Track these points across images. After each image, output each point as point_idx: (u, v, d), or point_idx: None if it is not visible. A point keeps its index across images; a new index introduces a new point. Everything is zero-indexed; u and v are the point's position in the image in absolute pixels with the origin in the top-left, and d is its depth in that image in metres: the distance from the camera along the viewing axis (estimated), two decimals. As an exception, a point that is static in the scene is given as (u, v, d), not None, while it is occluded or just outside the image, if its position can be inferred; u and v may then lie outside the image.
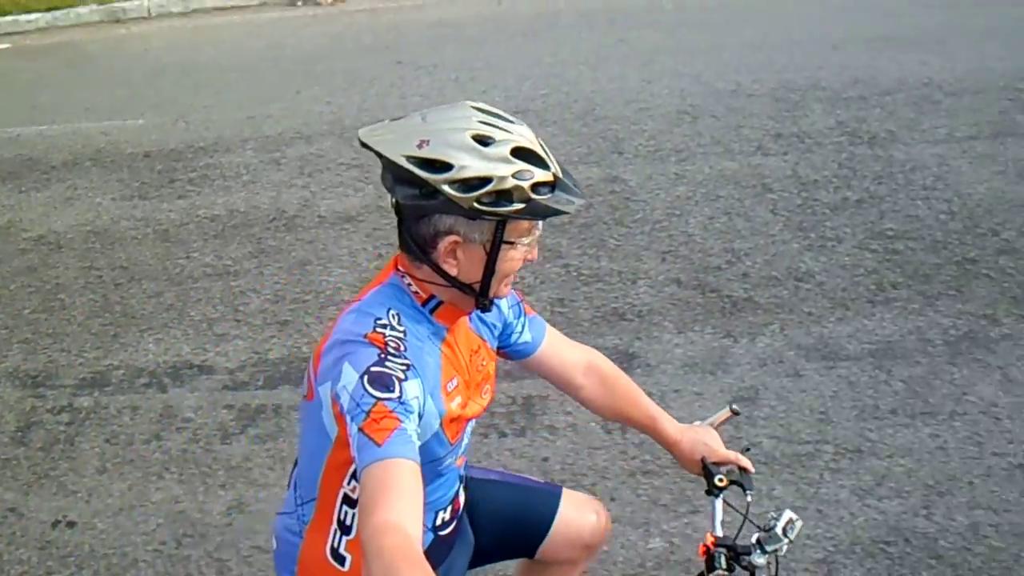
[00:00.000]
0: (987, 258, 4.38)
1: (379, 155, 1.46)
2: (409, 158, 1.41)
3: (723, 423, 1.95)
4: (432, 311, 1.58)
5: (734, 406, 1.93)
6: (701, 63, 7.00)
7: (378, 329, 1.48)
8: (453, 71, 7.43)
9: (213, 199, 5.82)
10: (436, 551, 1.74)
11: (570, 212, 1.48)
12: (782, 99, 6.21)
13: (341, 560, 1.63)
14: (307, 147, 6.35)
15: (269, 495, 3.33)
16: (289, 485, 1.78)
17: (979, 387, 3.58)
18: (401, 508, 1.28)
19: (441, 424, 1.56)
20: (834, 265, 4.39)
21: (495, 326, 1.78)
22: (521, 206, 1.42)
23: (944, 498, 3.11)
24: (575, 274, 4.56)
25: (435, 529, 1.75)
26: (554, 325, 1.95)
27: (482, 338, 1.74)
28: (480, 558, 1.98)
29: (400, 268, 1.58)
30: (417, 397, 1.43)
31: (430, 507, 1.68)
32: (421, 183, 1.41)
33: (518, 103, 6.55)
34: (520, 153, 1.44)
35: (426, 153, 1.41)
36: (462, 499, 1.84)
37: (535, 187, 1.43)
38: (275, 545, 1.78)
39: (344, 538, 1.63)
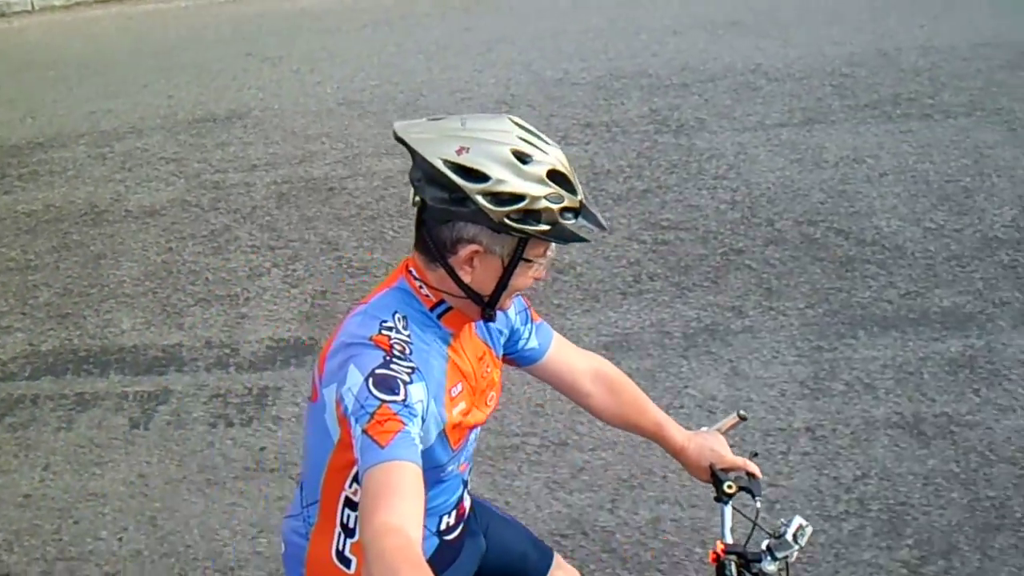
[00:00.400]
0: (754, 249, 4.34)
1: (413, 153, 1.45)
2: (447, 162, 1.41)
3: (730, 429, 1.94)
4: (440, 316, 1.58)
5: (742, 412, 1.92)
6: (537, 51, 6.92)
7: (384, 332, 1.49)
8: (296, 63, 7.29)
9: (35, 194, 5.73)
10: (441, 555, 1.77)
11: (589, 240, 1.50)
12: (604, 87, 6.15)
13: (347, 562, 1.65)
14: (136, 141, 6.25)
15: (7, 481, 3.44)
16: (298, 487, 1.78)
17: (703, 380, 3.55)
18: (402, 511, 1.29)
19: (444, 430, 1.57)
20: (597, 256, 4.34)
21: (501, 332, 1.76)
22: (547, 228, 1.44)
23: (633, 492, 3.09)
24: (345, 266, 4.50)
25: (439, 533, 1.76)
26: (311, 317, 1.90)
27: (487, 344, 1.73)
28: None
29: (412, 270, 1.58)
30: (421, 400, 1.44)
31: (433, 512, 1.70)
32: (454, 188, 1.42)
33: (347, 94, 6.46)
34: (554, 176, 1.45)
35: (464, 160, 1.41)
36: (467, 503, 1.85)
37: (563, 211, 1.45)
38: (283, 548, 1.79)
39: (348, 541, 1.64)
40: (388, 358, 1.45)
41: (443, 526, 1.76)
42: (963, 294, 3.96)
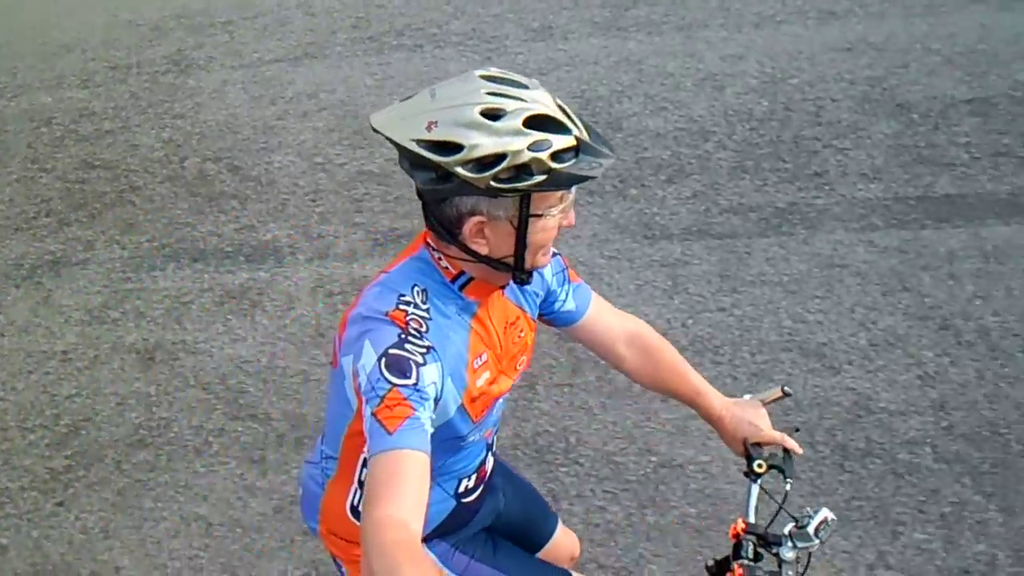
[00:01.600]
0: (153, 184, 5.06)
1: (391, 141, 1.39)
2: (419, 142, 1.35)
3: (772, 402, 1.86)
4: (462, 287, 1.53)
5: (786, 387, 1.85)
6: None
7: (401, 306, 1.45)
8: None
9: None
10: (458, 516, 1.78)
11: (597, 176, 1.38)
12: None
13: (360, 517, 1.54)
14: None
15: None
16: (320, 436, 1.80)
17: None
18: (405, 504, 1.27)
19: (463, 403, 1.54)
20: None
21: (536, 295, 1.72)
22: (542, 178, 1.35)
23: None
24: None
25: (458, 496, 1.75)
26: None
27: (521, 308, 1.68)
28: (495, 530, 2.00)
29: (429, 242, 1.53)
30: (435, 382, 1.41)
31: (453, 475, 1.71)
32: (435, 167, 1.35)
33: None
34: (535, 122, 1.35)
35: (435, 135, 1.34)
36: (489, 467, 1.83)
37: (556, 156, 1.35)
38: (300, 492, 1.84)
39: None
40: (403, 336, 1.41)
41: (461, 488, 1.75)
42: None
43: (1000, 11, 5.28)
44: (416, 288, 1.49)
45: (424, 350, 1.41)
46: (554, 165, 1.34)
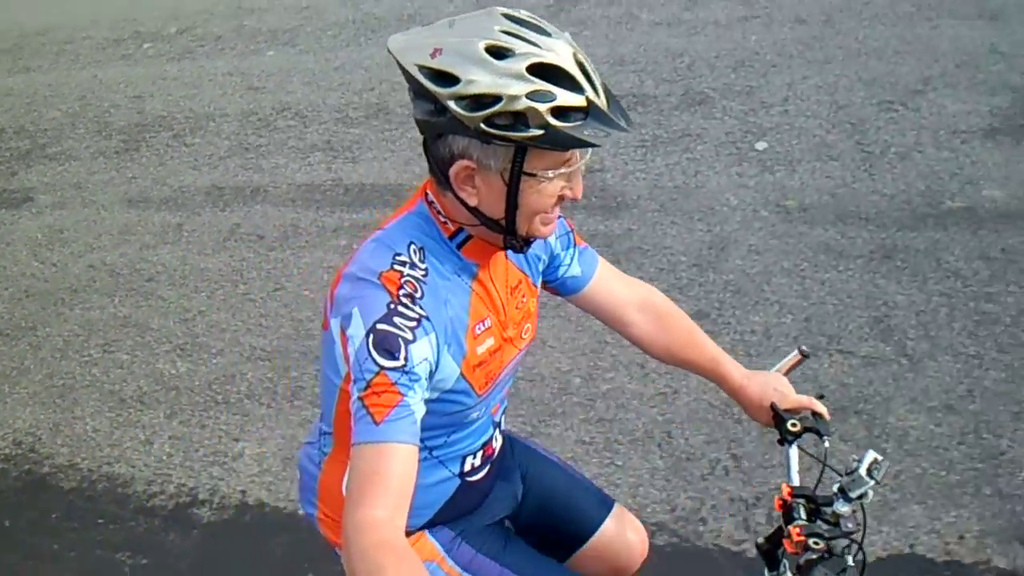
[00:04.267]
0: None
1: (399, 65, 1.29)
2: (420, 68, 1.26)
3: (792, 368, 1.77)
4: (460, 246, 1.42)
5: (803, 348, 1.73)
6: None
7: (396, 267, 1.35)
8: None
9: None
10: (465, 496, 1.67)
11: (600, 145, 1.27)
12: None
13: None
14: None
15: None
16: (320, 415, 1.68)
17: None
18: (387, 502, 1.22)
19: (462, 372, 1.43)
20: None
21: (539, 258, 1.61)
22: (537, 133, 1.22)
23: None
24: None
25: (463, 475, 1.64)
26: None
27: (523, 272, 1.57)
28: (516, 531, 1.86)
29: (428, 193, 1.43)
30: (426, 359, 1.32)
31: (457, 452, 1.60)
32: (432, 97, 1.26)
33: None
34: (542, 71, 1.22)
35: (437, 63, 1.24)
36: (496, 445, 1.71)
37: (558, 112, 1.22)
38: (298, 476, 1.72)
39: None
40: (393, 304, 1.31)
41: (467, 467, 1.64)
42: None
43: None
44: (413, 246, 1.39)
45: (414, 323, 1.31)
46: (552, 121, 1.22)
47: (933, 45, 5.00)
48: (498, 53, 1.23)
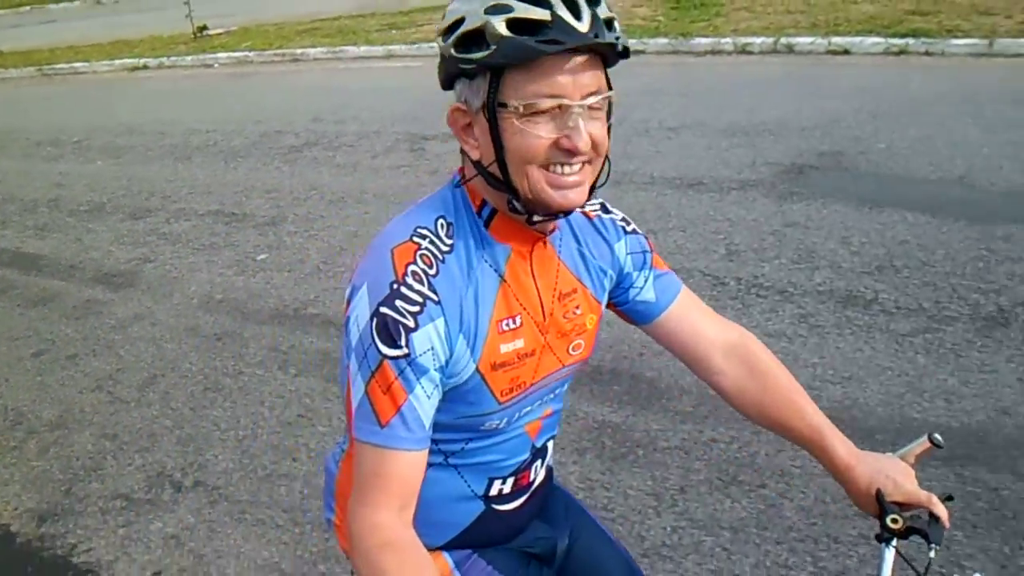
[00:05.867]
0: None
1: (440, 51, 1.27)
2: (438, 31, 1.25)
3: (920, 457, 1.46)
4: (487, 223, 1.30)
5: (935, 436, 1.43)
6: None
7: (414, 239, 1.25)
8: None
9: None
10: (489, 525, 1.48)
11: (549, 52, 1.13)
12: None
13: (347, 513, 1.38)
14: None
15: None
16: None
17: None
18: (392, 503, 1.19)
19: (479, 368, 1.29)
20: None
21: (603, 271, 1.44)
22: (492, 49, 1.15)
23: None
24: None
25: (487, 498, 1.47)
26: None
27: (581, 281, 1.41)
28: None
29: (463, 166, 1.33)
30: (431, 348, 1.22)
31: (479, 468, 1.43)
32: (440, 50, 1.24)
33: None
34: None
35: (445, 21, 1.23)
36: (534, 476, 1.52)
37: (516, 25, 1.14)
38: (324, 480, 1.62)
39: None
40: (397, 285, 1.20)
41: (493, 491, 1.46)
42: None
43: None
44: (441, 221, 1.28)
45: (417, 307, 1.20)
46: (508, 33, 1.13)
47: None
48: None
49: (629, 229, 1.48)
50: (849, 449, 1.43)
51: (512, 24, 1.13)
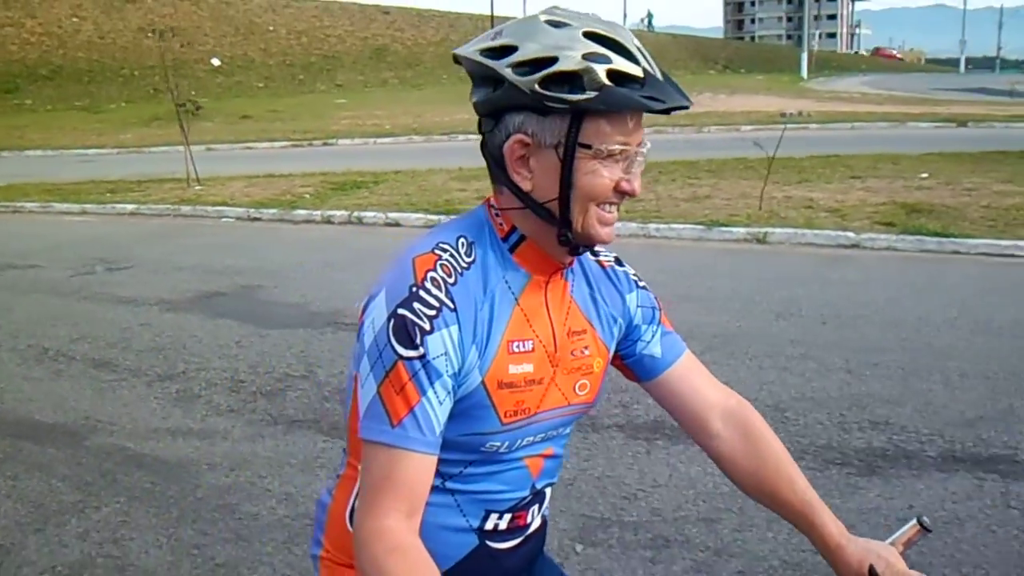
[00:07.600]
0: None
1: (463, 60, 1.31)
2: (481, 51, 1.28)
3: (909, 543, 1.46)
4: (513, 248, 1.34)
5: (924, 519, 1.45)
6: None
7: (435, 251, 1.29)
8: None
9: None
10: (480, 562, 1.44)
11: (655, 110, 1.23)
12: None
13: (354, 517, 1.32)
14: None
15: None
16: None
17: None
18: (400, 507, 1.19)
19: (484, 382, 1.30)
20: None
21: (614, 319, 1.48)
22: (593, 94, 1.20)
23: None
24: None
25: (481, 532, 1.43)
26: None
27: (590, 322, 1.44)
28: None
29: (490, 199, 1.38)
30: (445, 353, 1.24)
31: (476, 497, 1.41)
32: (489, 74, 1.26)
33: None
34: (598, 39, 1.23)
35: (496, 42, 1.27)
36: (531, 518, 1.49)
37: (614, 75, 1.21)
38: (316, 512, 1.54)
39: None
40: (416, 288, 1.24)
41: (488, 525, 1.43)
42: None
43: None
44: (463, 239, 1.33)
45: (434, 311, 1.24)
46: (608, 82, 1.20)
47: None
48: (557, 24, 1.25)
49: (640, 284, 1.53)
50: (840, 529, 1.43)
51: (611, 74, 1.21)
